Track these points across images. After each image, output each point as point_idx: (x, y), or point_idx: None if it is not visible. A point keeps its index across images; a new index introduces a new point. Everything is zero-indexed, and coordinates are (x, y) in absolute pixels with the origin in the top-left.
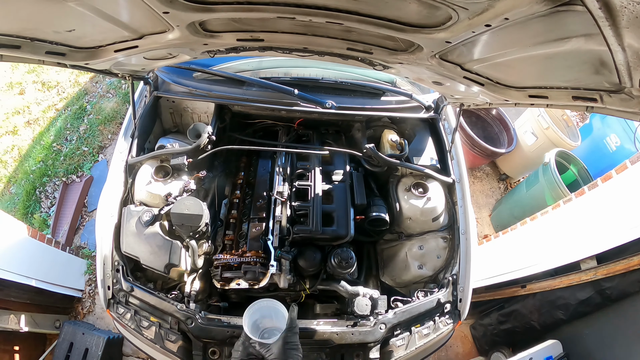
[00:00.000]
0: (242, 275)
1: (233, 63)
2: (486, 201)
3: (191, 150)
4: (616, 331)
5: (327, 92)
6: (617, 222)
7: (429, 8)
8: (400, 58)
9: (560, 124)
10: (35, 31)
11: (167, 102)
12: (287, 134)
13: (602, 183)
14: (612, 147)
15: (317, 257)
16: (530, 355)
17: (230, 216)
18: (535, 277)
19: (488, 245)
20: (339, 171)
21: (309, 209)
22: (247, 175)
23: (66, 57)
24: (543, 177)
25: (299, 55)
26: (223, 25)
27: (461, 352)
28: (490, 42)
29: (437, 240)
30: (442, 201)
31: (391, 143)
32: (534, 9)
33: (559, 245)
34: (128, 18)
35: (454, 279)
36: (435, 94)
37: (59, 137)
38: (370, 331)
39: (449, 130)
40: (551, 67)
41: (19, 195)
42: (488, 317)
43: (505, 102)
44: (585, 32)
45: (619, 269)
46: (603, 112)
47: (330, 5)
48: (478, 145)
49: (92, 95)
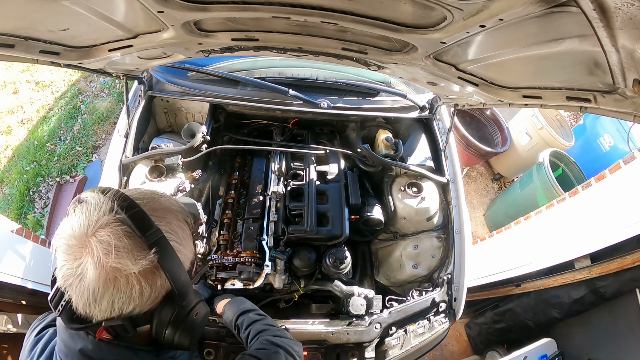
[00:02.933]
0: (237, 275)
1: (228, 63)
2: (480, 201)
3: (185, 150)
4: (610, 329)
5: (321, 92)
6: (611, 222)
7: (424, 8)
8: (394, 58)
9: (554, 124)
10: (29, 30)
11: (161, 101)
12: (282, 134)
13: (596, 183)
14: (605, 147)
15: (312, 257)
16: (525, 354)
17: (225, 216)
18: (530, 276)
19: (482, 245)
20: (334, 171)
21: (304, 209)
22: (241, 175)
23: (60, 56)
24: (537, 177)
25: (294, 55)
26: (218, 25)
27: (456, 351)
28: (485, 43)
29: (431, 240)
30: (437, 201)
31: (386, 143)
32: (528, 10)
33: (553, 244)
34: (122, 17)
35: (448, 278)
36: (429, 94)
37: (53, 137)
38: (365, 331)
39: (443, 130)
40: (545, 68)
41: (12, 196)
42: (483, 316)
43: (499, 103)
44: (579, 33)
45: (613, 268)
46: (597, 112)
47: (325, 5)
48: (472, 145)
49: (86, 94)
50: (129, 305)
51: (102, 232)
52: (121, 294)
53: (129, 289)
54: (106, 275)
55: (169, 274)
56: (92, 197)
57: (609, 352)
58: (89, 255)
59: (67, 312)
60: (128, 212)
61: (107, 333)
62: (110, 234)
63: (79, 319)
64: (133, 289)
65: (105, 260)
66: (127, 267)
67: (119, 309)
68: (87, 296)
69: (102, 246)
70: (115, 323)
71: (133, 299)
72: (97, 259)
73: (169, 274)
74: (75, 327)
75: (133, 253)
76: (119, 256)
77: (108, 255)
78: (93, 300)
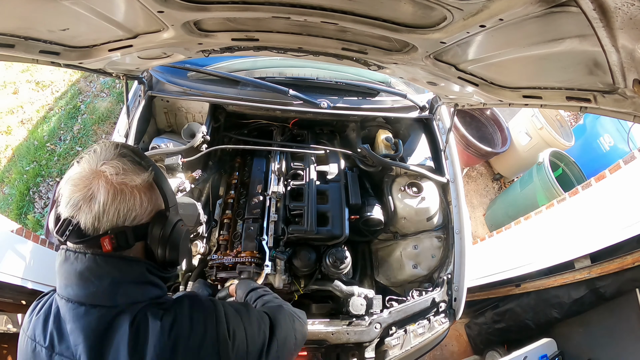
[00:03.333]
0: (237, 275)
1: (227, 63)
2: (480, 201)
3: (185, 150)
4: (610, 329)
5: (322, 92)
6: (611, 222)
7: (424, 8)
8: (394, 58)
9: (554, 124)
10: (29, 30)
11: (161, 101)
12: (282, 134)
13: (596, 183)
14: (605, 147)
15: (312, 257)
16: (525, 354)
17: (225, 216)
18: (530, 276)
19: (482, 245)
20: (334, 171)
21: (304, 209)
22: (241, 175)
23: (60, 56)
24: (537, 177)
25: (294, 55)
26: (218, 25)
27: (456, 351)
28: (485, 43)
29: (431, 240)
30: (437, 201)
31: (386, 143)
32: (528, 10)
33: (553, 244)
34: (122, 17)
35: (448, 278)
36: (429, 94)
37: (53, 137)
38: (365, 331)
39: (443, 130)
40: (545, 68)
41: (12, 196)
42: (483, 316)
43: (499, 103)
44: (579, 33)
45: (613, 268)
46: (597, 112)
47: (325, 5)
48: (472, 145)
49: (86, 94)
50: (132, 214)
51: (110, 162)
52: (126, 203)
53: (132, 199)
54: (114, 189)
55: (161, 189)
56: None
57: (609, 352)
58: (99, 178)
59: (75, 233)
60: (127, 149)
61: (109, 242)
62: (117, 161)
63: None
64: (135, 199)
65: (115, 177)
66: (132, 181)
67: (123, 216)
68: (97, 210)
69: (112, 169)
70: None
71: (135, 208)
72: (107, 178)
73: (161, 189)
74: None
75: (136, 171)
76: (125, 173)
77: (117, 174)
78: (102, 212)
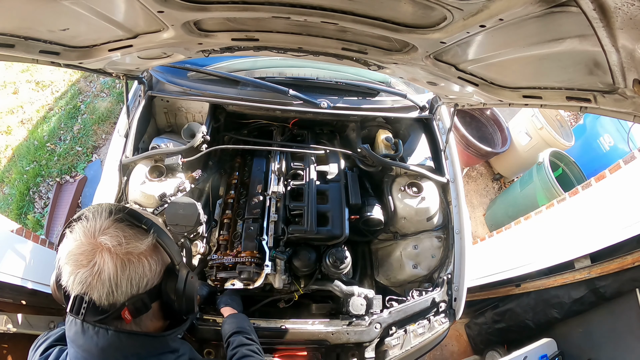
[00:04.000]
0: (237, 275)
1: (227, 63)
2: (480, 201)
3: (185, 150)
4: (610, 329)
5: (322, 92)
6: (611, 222)
7: (424, 8)
8: (394, 58)
9: (554, 124)
10: (30, 30)
11: (161, 101)
12: (282, 134)
13: (596, 183)
14: (605, 147)
15: (312, 257)
16: (525, 354)
17: (225, 216)
18: (530, 276)
19: (482, 245)
20: (334, 171)
21: (304, 209)
22: (241, 175)
23: (60, 56)
24: (537, 177)
25: (294, 55)
26: (218, 25)
27: (456, 351)
28: (485, 43)
29: (431, 240)
30: (437, 201)
31: (386, 143)
32: (528, 10)
33: (553, 244)
34: (122, 17)
35: (448, 278)
36: (429, 94)
37: (53, 137)
38: (365, 331)
39: (443, 130)
40: (545, 68)
41: (12, 196)
42: (483, 316)
43: (499, 102)
44: (579, 33)
45: (613, 268)
46: (597, 112)
47: (325, 5)
48: (472, 145)
49: (86, 94)
50: (144, 280)
51: (108, 231)
52: (136, 272)
53: (141, 266)
54: (122, 260)
55: (166, 247)
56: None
57: (609, 352)
58: (102, 252)
59: (92, 310)
60: (122, 213)
61: (129, 313)
62: (116, 229)
63: (104, 311)
64: (144, 266)
65: (119, 249)
66: (137, 248)
67: (136, 285)
68: (109, 285)
69: (113, 240)
70: (136, 299)
71: (145, 274)
72: (111, 251)
73: (166, 247)
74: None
75: (137, 236)
76: (128, 242)
77: (120, 244)
78: (115, 286)
